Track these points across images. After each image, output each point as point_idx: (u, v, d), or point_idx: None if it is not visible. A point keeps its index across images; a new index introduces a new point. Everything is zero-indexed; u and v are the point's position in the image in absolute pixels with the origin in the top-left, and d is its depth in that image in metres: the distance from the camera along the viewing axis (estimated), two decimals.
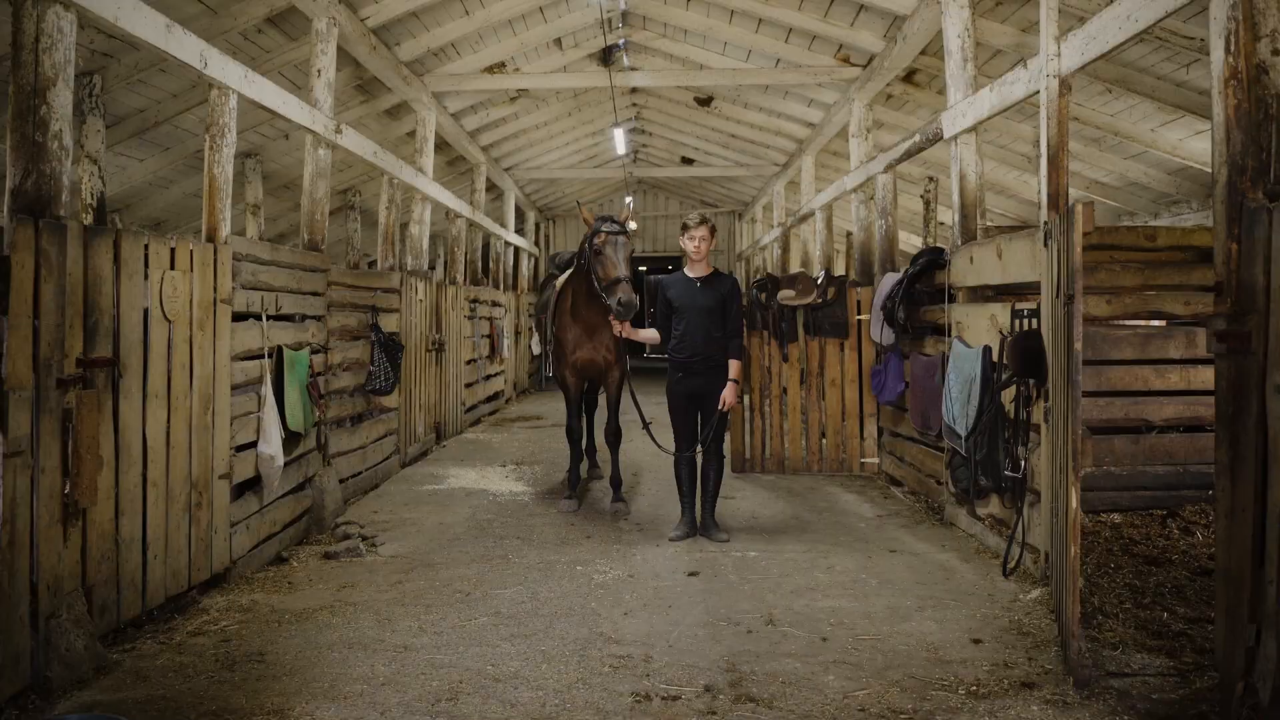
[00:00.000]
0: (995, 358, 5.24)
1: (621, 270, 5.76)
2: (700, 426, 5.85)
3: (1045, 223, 4.61)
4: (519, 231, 17.89)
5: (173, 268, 4.50)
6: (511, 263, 16.37)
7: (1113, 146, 8.95)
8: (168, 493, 4.45)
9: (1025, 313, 4.97)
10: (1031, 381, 4.81)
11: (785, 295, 7.92)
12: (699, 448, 5.81)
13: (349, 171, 11.97)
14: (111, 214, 9.72)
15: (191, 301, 4.65)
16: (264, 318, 5.50)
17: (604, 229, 5.86)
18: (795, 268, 15.97)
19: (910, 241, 14.09)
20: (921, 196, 12.45)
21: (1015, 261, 5.14)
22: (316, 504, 6.45)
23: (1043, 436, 4.68)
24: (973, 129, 6.09)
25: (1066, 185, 4.63)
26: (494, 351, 13.09)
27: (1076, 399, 3.40)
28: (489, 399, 12.98)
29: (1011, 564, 4.93)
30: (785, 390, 8.21)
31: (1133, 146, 8.69)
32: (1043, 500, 4.70)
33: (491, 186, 15.70)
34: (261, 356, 5.49)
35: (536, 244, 20.28)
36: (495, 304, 13.49)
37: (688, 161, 16.98)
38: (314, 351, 6.37)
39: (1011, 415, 5.03)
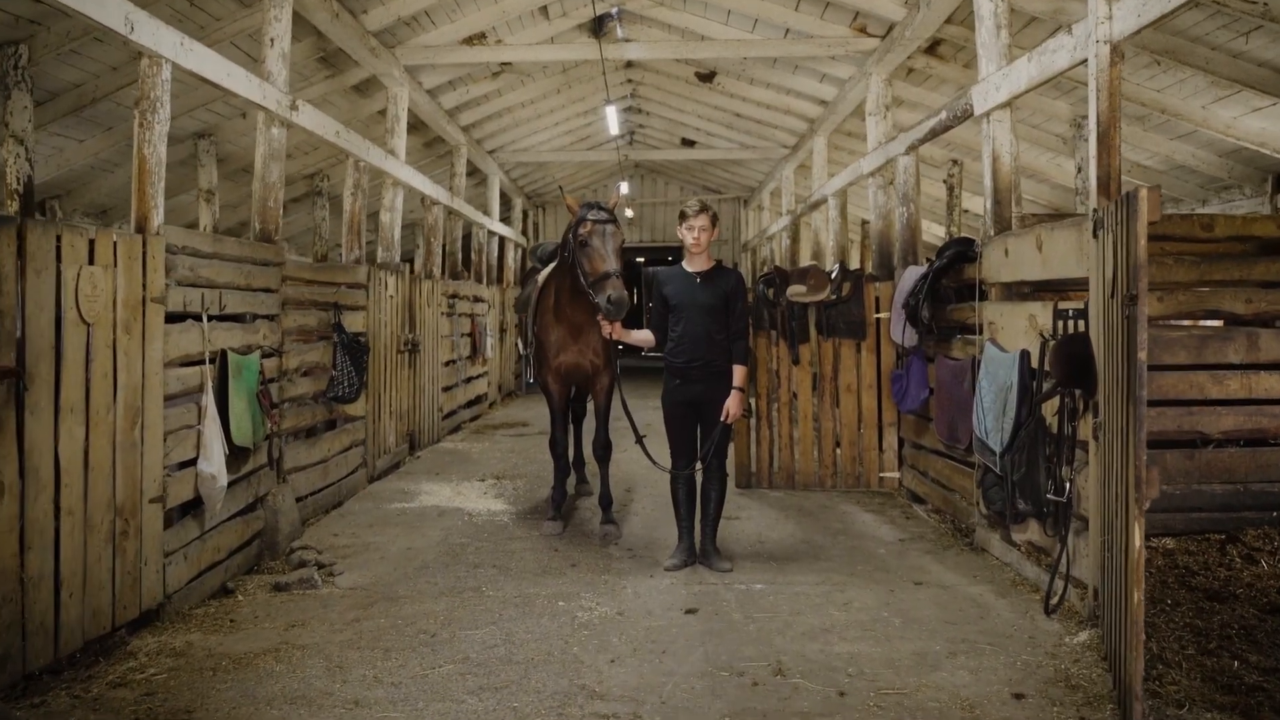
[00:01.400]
0: (1035, 363, 4.94)
1: (611, 263, 5.44)
2: (700, 440, 5.54)
3: (1095, 210, 4.30)
4: (504, 220, 17.57)
5: (92, 262, 4.18)
6: (496, 254, 16.05)
7: (1158, 126, 8.64)
8: (86, 521, 4.14)
9: (1070, 313, 4.66)
10: (1078, 392, 4.50)
11: (796, 291, 7.61)
12: (698, 464, 5.50)
13: (315, 154, 11.66)
14: (48, 201, 9.40)
15: (115, 301, 4.33)
16: (204, 318, 5.18)
17: (590, 217, 5.54)
18: (806, 260, 15.65)
19: (932, 231, 13.78)
20: (944, 182, 12.15)
21: (1058, 254, 4.83)
22: (269, 526, 6.13)
23: (1091, 455, 4.37)
24: (1007, 104, 5.78)
25: (1119, 168, 4.32)
26: (475, 352, 12.78)
27: (1140, 418, 3.08)
28: (470, 403, 12.67)
29: (1054, 599, 4.63)
30: (795, 396, 7.90)
31: (1180, 125, 8.37)
32: (1091, 528, 4.39)
33: (474, 171, 15.38)
34: (202, 362, 5.17)
35: (524, 233, 19.96)
36: (477, 299, 13.17)
37: (688, 143, 16.66)
38: (266, 355, 6.06)
39: (1054, 430, 4.72)
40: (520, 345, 7.27)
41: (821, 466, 7.86)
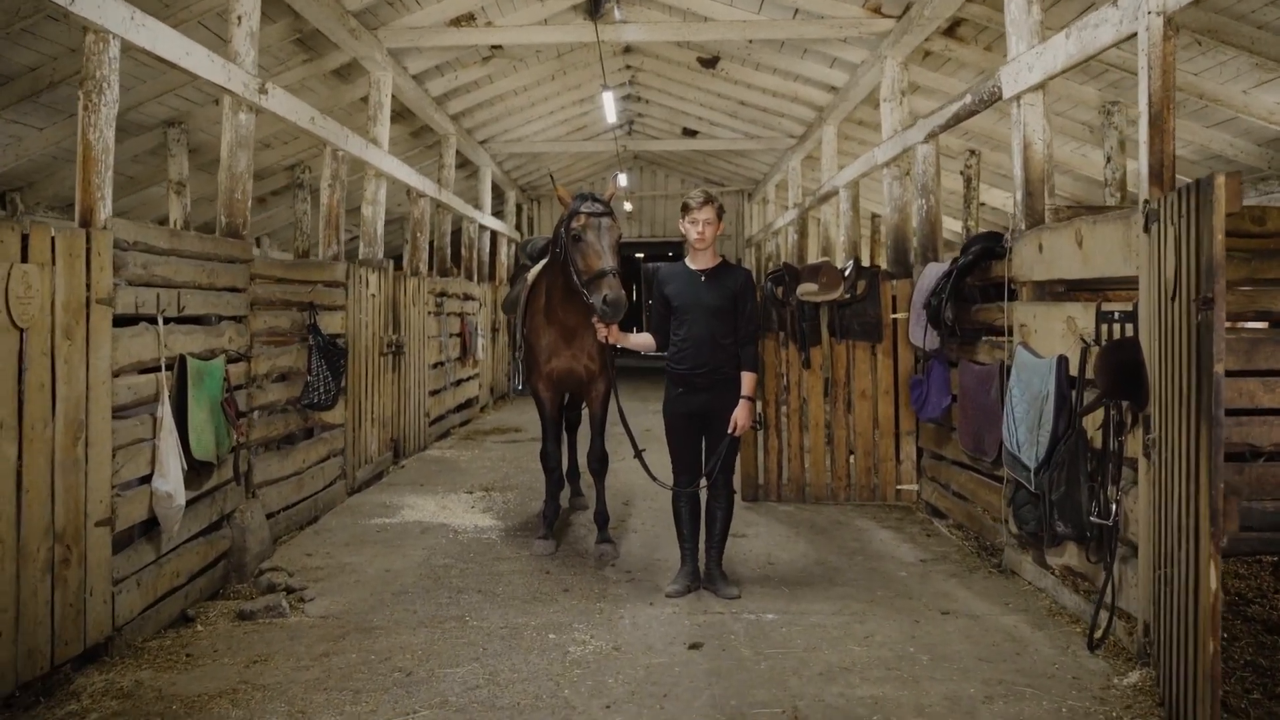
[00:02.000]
0: (1074, 371, 4.61)
1: (607, 260, 5.10)
2: (705, 454, 5.20)
3: (1146, 202, 3.96)
4: (497, 214, 17.23)
5: (26, 260, 3.84)
6: (488, 249, 15.71)
7: (1193, 112, 8.30)
8: (19, 550, 3.80)
9: (1116, 316, 4.32)
10: (1125, 404, 4.17)
11: (806, 289, 7.27)
12: (703, 481, 5.16)
13: (295, 144, 11.32)
14: (8, 194, 9.06)
15: (54, 303, 3.99)
16: (160, 321, 4.84)
17: (584, 209, 5.19)
18: (814, 255, 15.34)
19: (948, 226, 13.43)
20: (961, 173, 11.82)
21: (1101, 251, 4.49)
22: (236, 546, 5.81)
23: (1141, 475, 4.04)
24: (1040, 87, 5.44)
25: (1174, 154, 3.98)
26: (465, 353, 12.44)
27: (1216, 440, 2.75)
28: (459, 407, 12.33)
29: (1098, 632, 4.29)
30: (806, 403, 7.56)
31: (1219, 112, 8.04)
32: (1141, 556, 4.06)
33: (465, 163, 15.06)
34: (158, 369, 4.83)
35: (518, 228, 19.62)
36: (468, 297, 12.83)
37: (690, 133, 16.32)
38: (232, 360, 5.73)
39: (1098, 445, 4.38)
40: (510, 347, 6.93)
41: (834, 478, 7.52)
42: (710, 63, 11.85)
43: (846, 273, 7.39)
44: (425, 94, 10.92)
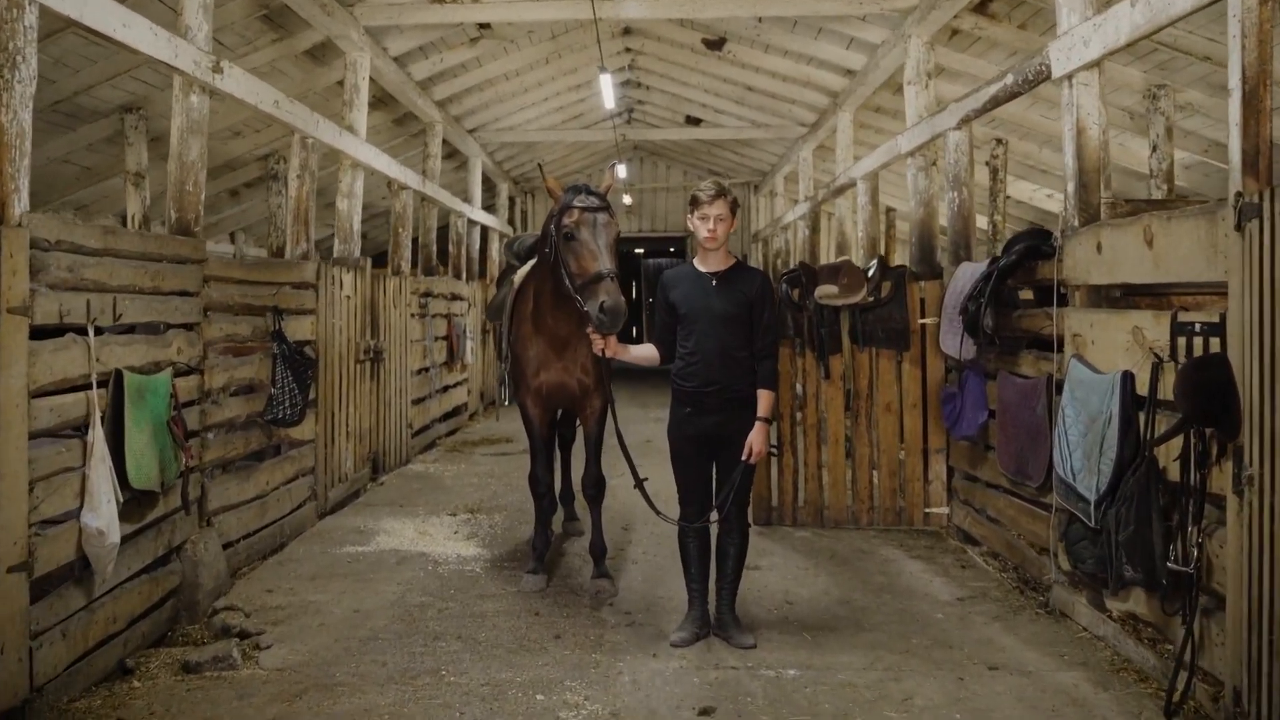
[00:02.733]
0: (1143, 389, 4.13)
1: (603, 262, 4.61)
2: (716, 483, 4.71)
3: (1239, 195, 3.48)
4: (488, 208, 16.74)
5: None
6: (478, 246, 15.23)
7: None
8: None
9: (1198, 328, 3.84)
10: (1210, 431, 3.69)
11: (826, 292, 6.78)
12: (714, 515, 4.67)
13: (269, 132, 10.82)
14: None
15: None
16: (91, 331, 4.36)
17: (577, 203, 4.70)
18: (827, 252, 14.88)
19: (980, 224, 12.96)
20: (987, 164, 11.35)
21: (1178, 251, 4.01)
22: (187, 582, 5.35)
23: (1231, 515, 3.56)
24: (1096, 64, 4.97)
25: (1271, 139, 3.50)
26: (453, 357, 11.95)
27: None
28: (446, 416, 11.85)
29: (1175, 696, 3.81)
30: (824, 417, 7.08)
31: None
32: (1229, 609, 3.58)
33: (453, 153, 14.58)
34: (88, 386, 4.35)
35: (510, 222, 19.14)
36: (455, 297, 12.35)
37: (693, 121, 15.85)
38: (181, 373, 5.25)
39: (1174, 478, 3.90)
40: (497, 358, 6.45)
41: (856, 500, 7.04)
42: (716, 44, 11.36)
43: (870, 273, 6.91)
44: (408, 78, 10.42)
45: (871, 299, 6.84)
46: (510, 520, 7.30)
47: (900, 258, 15.11)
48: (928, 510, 6.98)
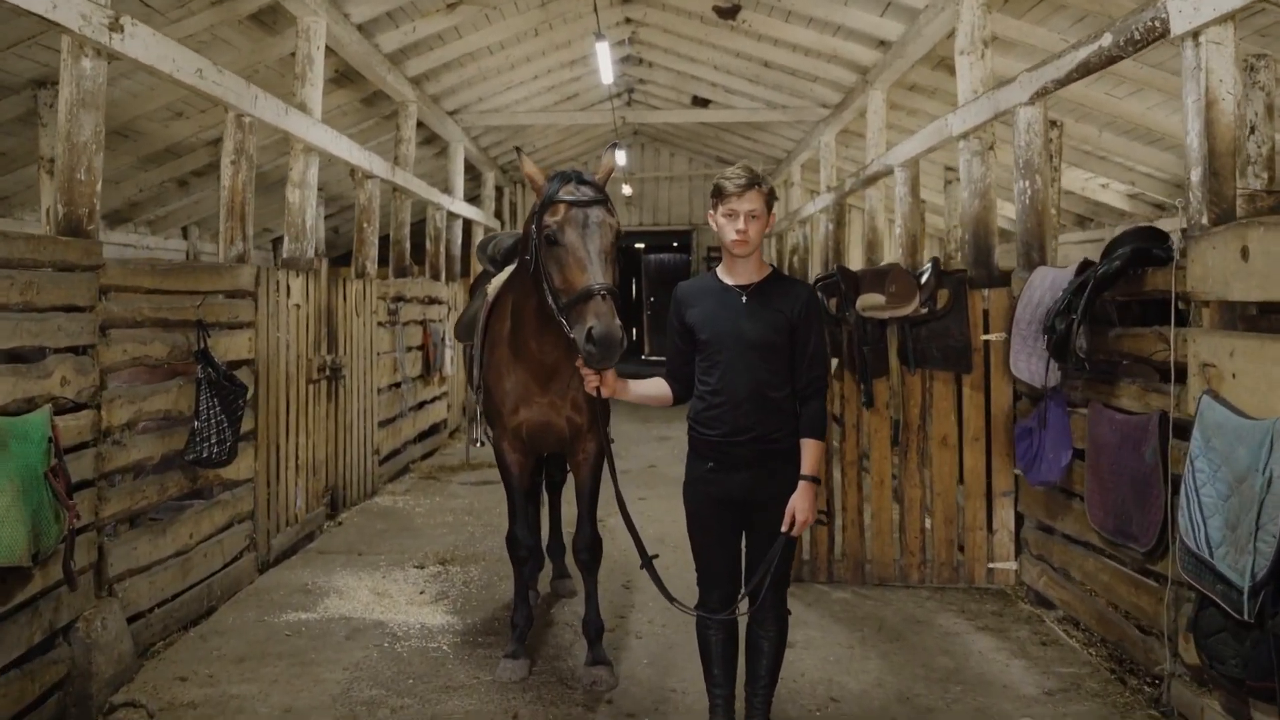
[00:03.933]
0: None
1: (595, 274, 3.71)
2: (747, 560, 3.83)
3: None
4: (472, 199, 15.86)
5: None
6: (459, 242, 14.35)
7: None
8: None
9: None
10: None
11: (870, 302, 5.90)
12: (743, 603, 3.78)
13: (215, 112, 9.88)
14: None
15: None
16: None
17: (563, 196, 3.80)
18: (854, 253, 14.02)
19: (1006, 213, 12.06)
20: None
21: None
22: (79, 670, 4.53)
23: None
24: (1231, 17, 4.09)
25: None
26: (429, 369, 11.06)
27: None
28: (421, 436, 10.97)
29: None
30: (866, 452, 6.19)
31: None
32: None
33: (432, 138, 13.70)
34: None
35: (498, 215, 18.25)
36: (432, 300, 11.45)
37: (701, 102, 14.98)
38: (65, 410, 4.38)
39: None
40: (467, 385, 5.54)
41: (905, 553, 6.15)
42: (729, 12, 10.48)
43: (923, 279, 6.02)
44: (375, 49, 9.54)
45: (925, 311, 5.96)
46: (488, 574, 6.42)
47: (929, 255, 14.23)
48: (991, 565, 6.10)
